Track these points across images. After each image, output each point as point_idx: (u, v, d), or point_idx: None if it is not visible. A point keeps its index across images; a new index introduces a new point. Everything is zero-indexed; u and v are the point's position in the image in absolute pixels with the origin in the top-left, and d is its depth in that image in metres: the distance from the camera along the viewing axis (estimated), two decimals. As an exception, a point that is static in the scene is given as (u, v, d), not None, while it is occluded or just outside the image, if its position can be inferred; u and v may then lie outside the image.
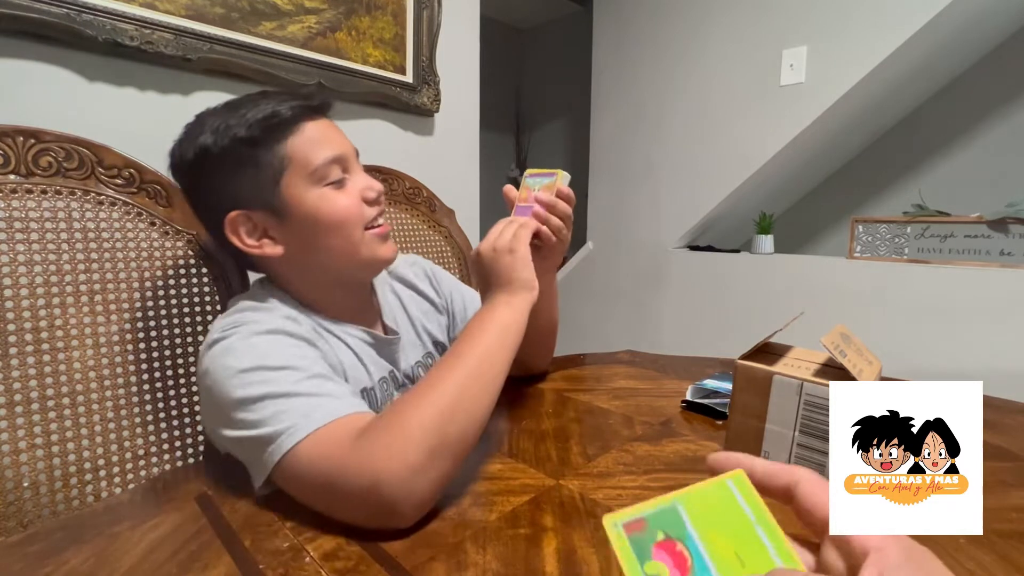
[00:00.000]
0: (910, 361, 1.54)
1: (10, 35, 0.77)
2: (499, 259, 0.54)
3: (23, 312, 0.56)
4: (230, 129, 0.52)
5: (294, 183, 0.54)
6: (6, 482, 0.53)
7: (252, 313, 0.52)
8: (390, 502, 0.39)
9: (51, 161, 0.60)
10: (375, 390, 0.60)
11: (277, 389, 0.44)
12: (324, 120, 0.57)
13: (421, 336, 0.70)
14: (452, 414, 0.43)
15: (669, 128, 2.11)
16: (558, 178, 0.60)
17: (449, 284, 0.77)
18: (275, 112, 0.53)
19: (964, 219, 1.54)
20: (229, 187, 0.54)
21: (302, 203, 0.54)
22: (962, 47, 1.81)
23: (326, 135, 0.56)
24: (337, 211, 0.55)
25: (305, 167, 0.54)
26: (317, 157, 0.54)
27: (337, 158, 0.55)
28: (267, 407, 0.44)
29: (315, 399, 0.45)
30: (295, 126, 0.54)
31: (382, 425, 0.42)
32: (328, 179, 0.55)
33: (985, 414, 0.25)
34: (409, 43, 1.23)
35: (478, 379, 0.46)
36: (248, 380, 0.45)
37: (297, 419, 0.43)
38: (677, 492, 0.25)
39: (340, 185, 0.56)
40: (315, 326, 0.57)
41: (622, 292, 2.31)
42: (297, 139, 0.54)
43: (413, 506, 0.40)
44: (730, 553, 0.23)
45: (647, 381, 0.75)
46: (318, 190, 0.54)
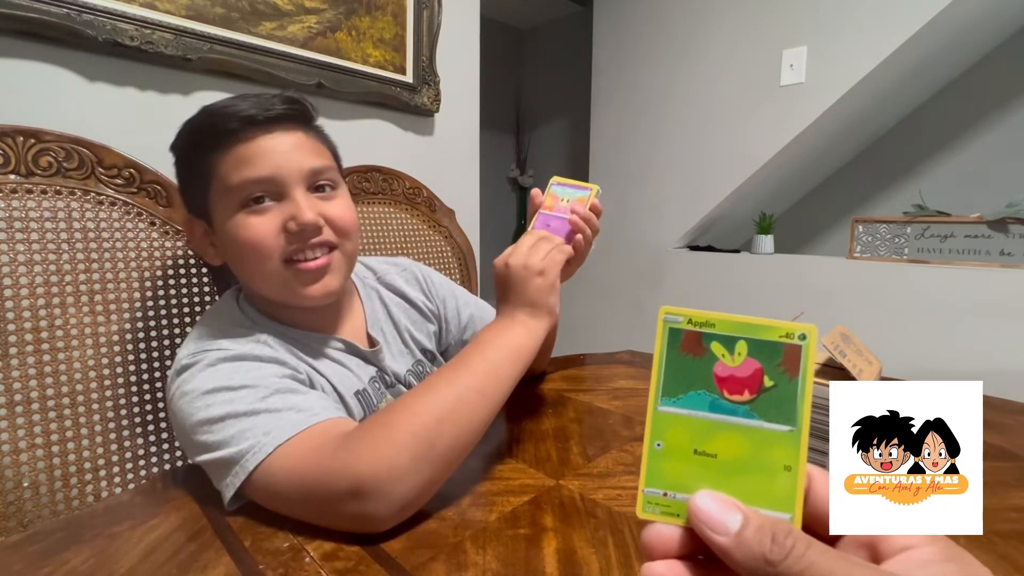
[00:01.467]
0: (910, 361, 1.54)
1: (10, 35, 0.77)
2: (530, 278, 0.51)
3: (23, 312, 0.56)
4: (181, 133, 0.53)
5: (217, 199, 0.52)
6: (6, 482, 0.53)
7: (223, 340, 0.51)
8: (371, 504, 0.38)
9: (51, 161, 0.60)
10: (367, 391, 0.60)
11: (238, 408, 0.44)
12: (280, 134, 0.52)
13: (409, 345, 0.68)
14: (445, 424, 0.42)
15: (669, 128, 2.11)
16: (593, 193, 0.59)
17: (443, 289, 0.74)
18: (215, 123, 0.51)
19: (964, 219, 1.54)
20: (182, 190, 0.57)
21: (221, 222, 0.53)
22: (962, 47, 1.81)
23: (260, 154, 0.51)
24: (247, 239, 0.51)
25: (223, 184, 0.51)
26: (234, 177, 0.51)
27: (260, 180, 0.51)
28: (229, 427, 0.43)
29: (277, 415, 0.43)
30: (228, 140, 0.51)
31: (370, 427, 0.41)
32: (245, 203, 0.51)
33: (985, 414, 0.25)
34: (409, 43, 1.23)
35: (480, 393, 0.45)
36: (210, 402, 0.45)
37: (259, 437, 0.42)
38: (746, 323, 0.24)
39: (261, 211, 0.51)
40: (289, 341, 0.55)
41: (622, 292, 2.31)
42: (222, 155, 0.51)
43: (393, 511, 0.39)
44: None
45: (647, 381, 0.75)
46: (237, 213, 0.51)
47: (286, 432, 0.42)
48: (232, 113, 0.51)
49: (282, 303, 0.56)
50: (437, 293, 0.73)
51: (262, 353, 0.50)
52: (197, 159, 0.53)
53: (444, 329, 0.73)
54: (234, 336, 0.52)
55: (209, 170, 0.52)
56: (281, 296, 0.55)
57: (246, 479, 0.41)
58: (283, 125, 0.53)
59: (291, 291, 0.54)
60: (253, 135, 0.51)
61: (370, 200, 1.01)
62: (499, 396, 0.47)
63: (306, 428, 0.43)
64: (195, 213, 0.56)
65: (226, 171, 0.51)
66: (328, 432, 0.42)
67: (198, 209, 0.55)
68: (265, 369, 0.48)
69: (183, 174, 0.56)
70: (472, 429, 0.44)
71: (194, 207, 0.56)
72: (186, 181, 0.56)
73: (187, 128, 0.53)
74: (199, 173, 0.53)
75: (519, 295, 0.52)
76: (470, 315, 0.73)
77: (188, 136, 0.53)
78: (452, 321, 0.73)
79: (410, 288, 0.72)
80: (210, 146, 0.52)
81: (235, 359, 0.48)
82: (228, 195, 0.51)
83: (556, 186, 0.61)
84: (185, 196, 0.58)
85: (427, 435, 0.41)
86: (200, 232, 0.56)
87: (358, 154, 1.01)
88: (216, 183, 0.52)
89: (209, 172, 0.52)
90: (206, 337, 0.51)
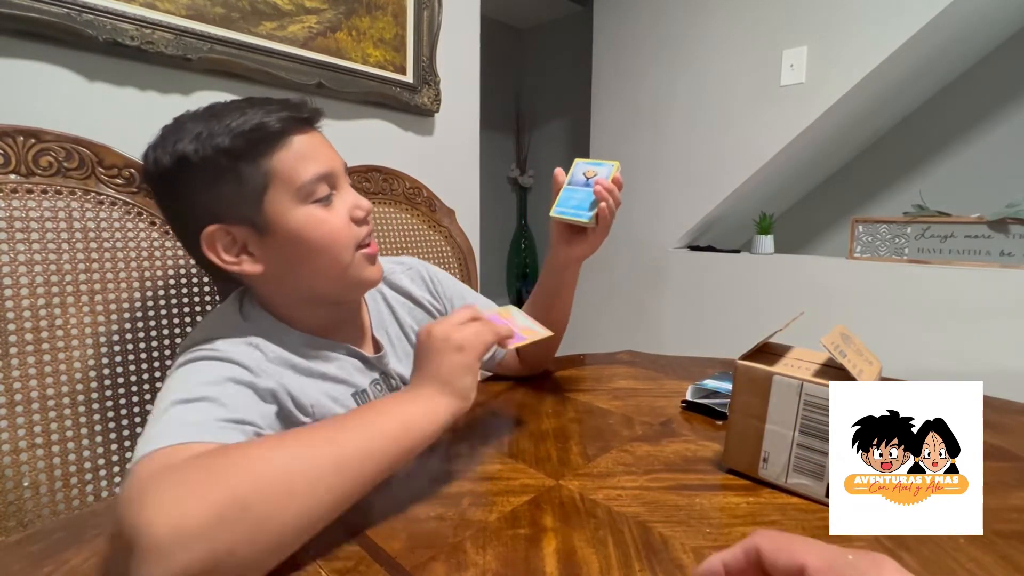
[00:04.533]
0: (910, 361, 1.54)
1: (10, 35, 0.77)
2: (447, 352, 0.46)
3: (23, 312, 0.56)
4: (212, 138, 0.49)
5: (278, 200, 0.51)
6: (6, 482, 0.53)
7: (220, 342, 0.49)
8: (142, 567, 0.29)
9: (51, 161, 0.60)
10: (367, 392, 0.60)
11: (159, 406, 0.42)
12: (313, 133, 0.55)
13: (415, 345, 0.68)
14: (275, 487, 0.34)
15: (669, 128, 2.11)
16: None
17: (450, 288, 0.74)
18: (262, 123, 0.50)
19: (964, 219, 1.54)
20: (208, 199, 0.50)
21: (287, 221, 0.51)
22: (962, 47, 1.81)
23: (314, 150, 0.53)
24: (326, 232, 0.52)
25: (291, 184, 0.51)
26: (304, 174, 0.51)
27: (325, 175, 0.53)
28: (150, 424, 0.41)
29: (160, 426, 0.40)
30: (282, 139, 0.51)
31: (190, 463, 0.35)
32: (315, 197, 0.52)
33: (985, 414, 0.25)
34: (409, 43, 1.23)
35: (335, 466, 0.37)
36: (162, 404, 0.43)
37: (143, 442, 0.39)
38: None
39: (327, 203, 0.53)
40: (291, 349, 0.54)
41: (622, 292, 2.31)
42: (283, 153, 0.51)
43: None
44: None
45: (647, 381, 0.75)
46: (304, 208, 0.51)
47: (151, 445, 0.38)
48: (281, 115, 0.51)
49: (338, 296, 0.58)
50: (444, 292, 0.73)
51: (240, 360, 0.48)
52: (248, 161, 0.50)
53: None
54: (228, 338, 0.51)
55: (268, 170, 0.50)
56: (346, 287, 0.56)
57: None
58: (314, 124, 0.56)
59: (360, 277, 0.56)
60: (303, 131, 0.53)
61: (370, 200, 1.01)
62: (360, 476, 0.38)
63: (158, 448, 0.37)
64: (231, 221, 0.51)
65: (290, 169, 0.51)
66: (173, 456, 0.36)
67: (237, 216, 0.51)
68: (223, 384, 0.45)
69: (217, 183, 0.50)
70: (307, 506, 0.35)
71: (231, 214, 0.51)
72: (222, 190, 0.50)
73: (217, 134, 0.49)
74: (248, 176, 0.50)
75: (433, 366, 0.46)
76: None
77: (231, 139, 0.49)
78: None
79: (416, 288, 0.72)
80: (268, 144, 0.50)
81: (209, 359, 0.47)
82: (296, 192, 0.51)
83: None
84: (216, 205, 0.51)
85: (244, 494, 0.32)
86: (232, 241, 0.52)
87: (358, 154, 1.01)
88: (279, 181, 0.50)
89: (267, 172, 0.50)
90: (209, 339, 0.51)
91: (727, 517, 0.42)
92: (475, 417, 0.63)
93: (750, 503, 0.44)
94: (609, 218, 0.62)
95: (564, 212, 0.64)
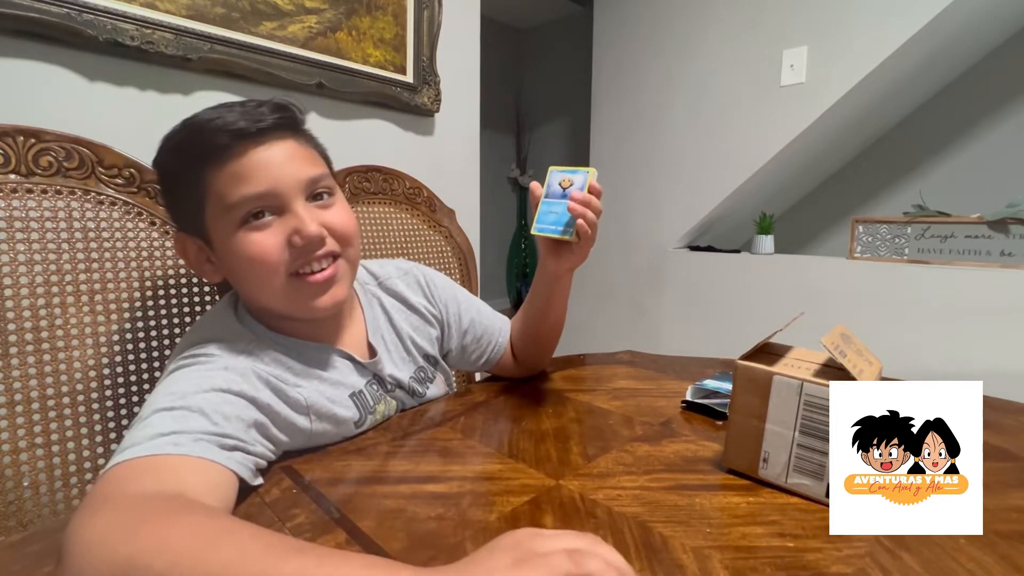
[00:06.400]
0: (910, 361, 1.55)
1: (10, 35, 0.77)
2: (508, 551, 0.29)
3: (23, 312, 0.56)
4: (165, 149, 0.51)
5: (213, 216, 0.50)
6: (6, 482, 0.53)
7: (213, 346, 0.50)
8: (59, 569, 0.31)
9: (51, 161, 0.60)
10: (364, 392, 0.60)
11: (147, 409, 0.43)
12: (273, 145, 0.51)
13: (411, 352, 0.67)
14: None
15: (669, 128, 2.11)
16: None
17: (445, 292, 0.73)
18: (201, 138, 0.49)
19: (964, 219, 1.54)
20: (169, 207, 0.55)
21: (221, 239, 0.51)
22: (962, 47, 1.81)
23: (253, 170, 0.49)
24: (253, 254, 0.50)
25: (221, 202, 0.49)
26: (233, 194, 0.49)
27: (260, 196, 0.49)
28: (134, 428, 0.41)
29: (138, 432, 0.40)
30: (223, 154, 0.49)
31: (139, 504, 0.34)
32: (245, 218, 0.50)
33: (985, 414, 0.25)
34: (409, 43, 1.23)
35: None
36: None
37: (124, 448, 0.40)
38: None
39: (262, 227, 0.50)
40: (283, 352, 0.54)
41: (622, 292, 2.31)
42: (216, 172, 0.49)
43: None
44: None
45: (647, 381, 0.75)
46: (237, 229, 0.50)
47: (127, 453, 0.38)
48: (221, 127, 0.49)
49: (289, 316, 0.55)
50: (440, 297, 0.72)
51: (233, 366, 0.48)
52: (188, 177, 0.50)
53: (446, 333, 0.72)
54: (222, 339, 0.51)
55: (203, 188, 0.50)
56: (289, 310, 0.54)
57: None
58: (275, 135, 0.51)
59: (300, 304, 0.53)
60: (246, 148, 0.49)
61: (370, 200, 1.01)
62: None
63: (133, 458, 0.38)
64: (188, 231, 0.54)
65: (222, 188, 0.49)
66: (135, 474, 0.37)
67: (191, 227, 0.53)
68: (212, 391, 0.45)
69: (171, 192, 0.54)
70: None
71: (186, 225, 0.54)
72: (175, 199, 0.54)
73: (172, 144, 0.51)
74: (191, 191, 0.50)
75: (469, 562, 0.30)
76: (471, 319, 0.73)
77: (174, 153, 0.51)
78: (454, 325, 0.72)
79: (412, 293, 0.71)
80: (201, 163, 0.49)
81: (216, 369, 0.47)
82: (227, 213, 0.50)
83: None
84: (174, 214, 0.55)
85: (150, 563, 0.29)
86: (195, 250, 0.54)
87: (358, 154, 1.01)
88: (212, 201, 0.50)
89: (203, 190, 0.50)
90: (204, 343, 0.50)
91: (727, 517, 0.42)
92: (475, 417, 0.63)
93: (750, 503, 0.44)
94: (590, 231, 0.57)
95: (544, 229, 0.61)
